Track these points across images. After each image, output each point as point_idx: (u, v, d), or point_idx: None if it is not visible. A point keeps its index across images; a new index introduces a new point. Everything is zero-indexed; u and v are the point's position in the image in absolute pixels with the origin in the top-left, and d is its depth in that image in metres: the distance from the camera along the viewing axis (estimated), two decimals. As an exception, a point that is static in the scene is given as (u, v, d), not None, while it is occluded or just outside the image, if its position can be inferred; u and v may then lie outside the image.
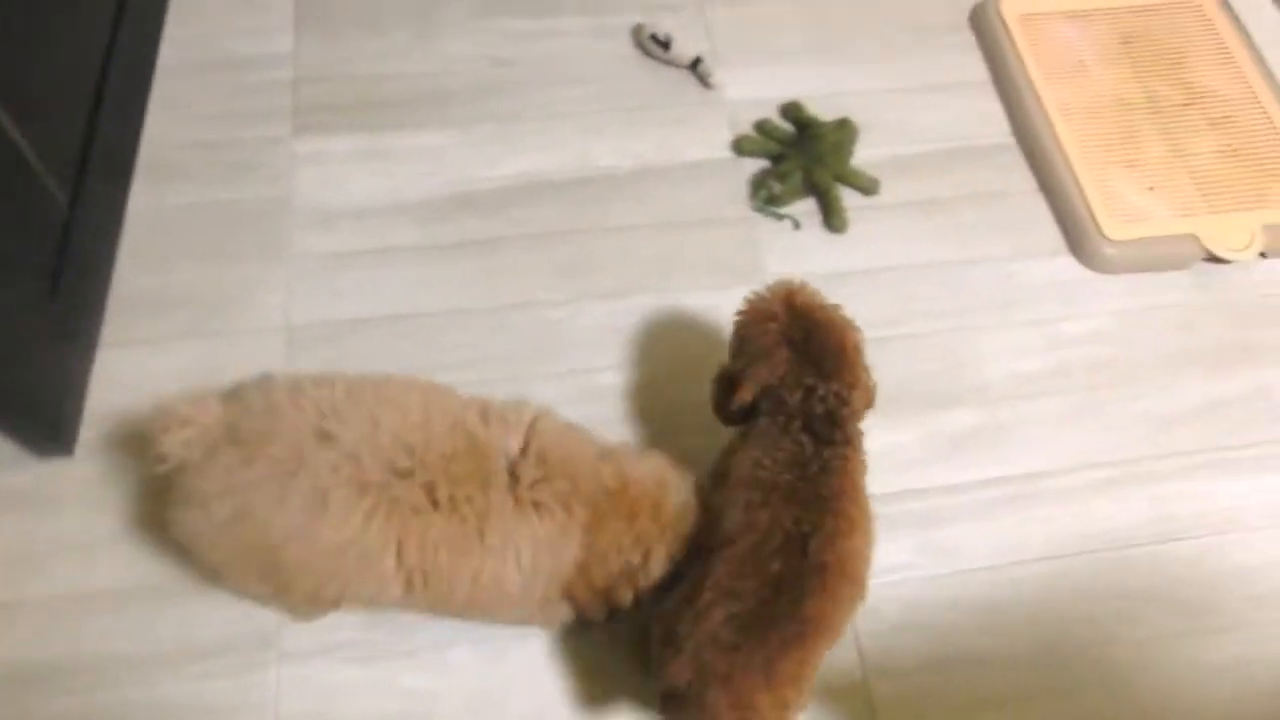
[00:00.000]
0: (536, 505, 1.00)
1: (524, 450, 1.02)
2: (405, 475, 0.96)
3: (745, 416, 1.10)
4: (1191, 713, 1.16)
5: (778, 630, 0.97)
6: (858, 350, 1.09)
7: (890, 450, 1.29)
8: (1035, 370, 1.37)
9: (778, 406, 1.06)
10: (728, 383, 1.11)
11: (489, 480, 0.99)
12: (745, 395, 1.08)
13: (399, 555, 0.97)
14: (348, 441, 0.96)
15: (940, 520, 1.26)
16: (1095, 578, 1.24)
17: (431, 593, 1.00)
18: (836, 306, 1.10)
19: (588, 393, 1.30)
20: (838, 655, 1.16)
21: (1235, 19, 1.71)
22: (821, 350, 1.06)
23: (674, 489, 1.07)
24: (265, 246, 1.39)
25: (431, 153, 1.48)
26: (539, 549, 1.02)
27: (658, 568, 1.06)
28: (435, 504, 0.97)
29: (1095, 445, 1.32)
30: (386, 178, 1.46)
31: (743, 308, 1.12)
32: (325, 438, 0.96)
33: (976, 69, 1.64)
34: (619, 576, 1.05)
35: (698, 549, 1.06)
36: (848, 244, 1.45)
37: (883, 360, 1.33)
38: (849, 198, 1.47)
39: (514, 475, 1.01)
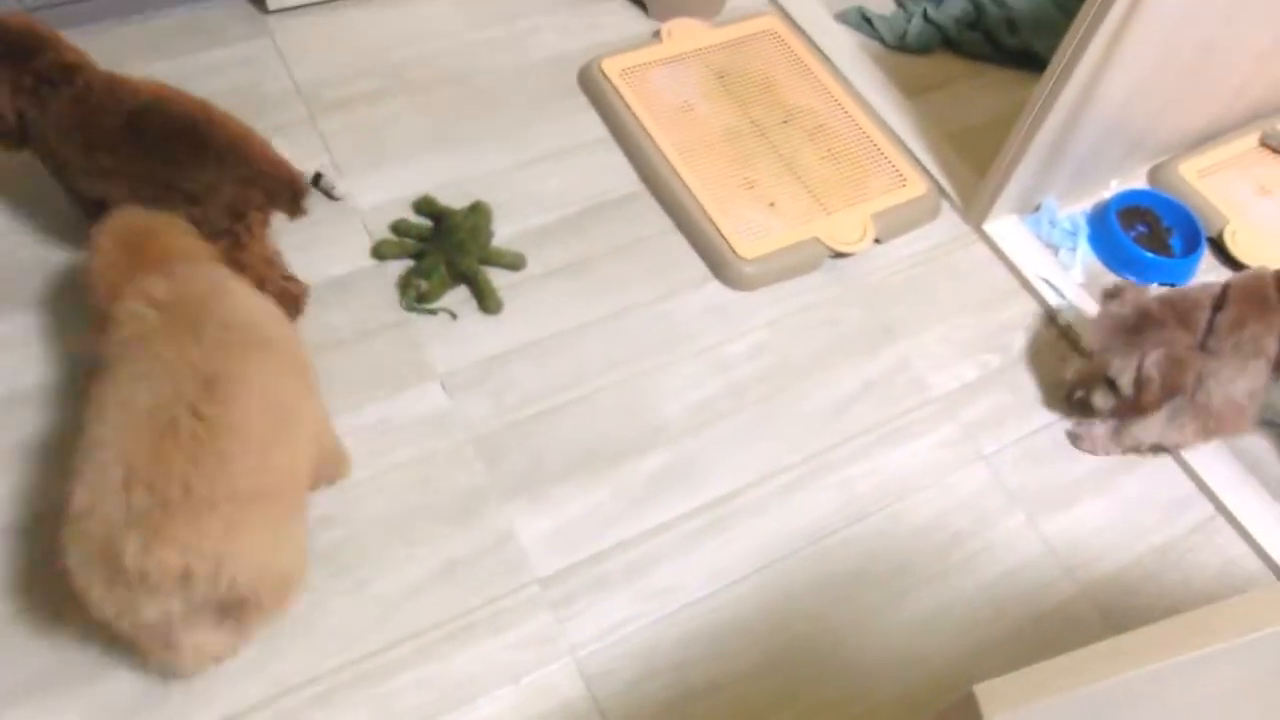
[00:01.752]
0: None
1: None
2: None
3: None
4: (915, 663, 1.25)
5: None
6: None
7: (589, 512, 1.30)
8: (709, 397, 1.43)
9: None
10: None
11: None
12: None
13: None
14: None
15: (652, 564, 1.28)
16: (803, 575, 1.30)
17: None
18: None
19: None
20: (583, 730, 1.17)
21: (809, 40, 1.89)
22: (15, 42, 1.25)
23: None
24: None
25: (35, 337, 1.35)
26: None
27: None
28: None
29: (777, 451, 1.40)
30: (2, 368, 1.32)
31: None
32: None
33: (595, 128, 1.71)
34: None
35: None
36: (507, 322, 1.46)
37: (565, 426, 1.38)
38: (499, 277, 1.49)
39: None
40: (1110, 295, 1.42)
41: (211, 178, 1.23)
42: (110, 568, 0.93)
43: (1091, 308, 1.61)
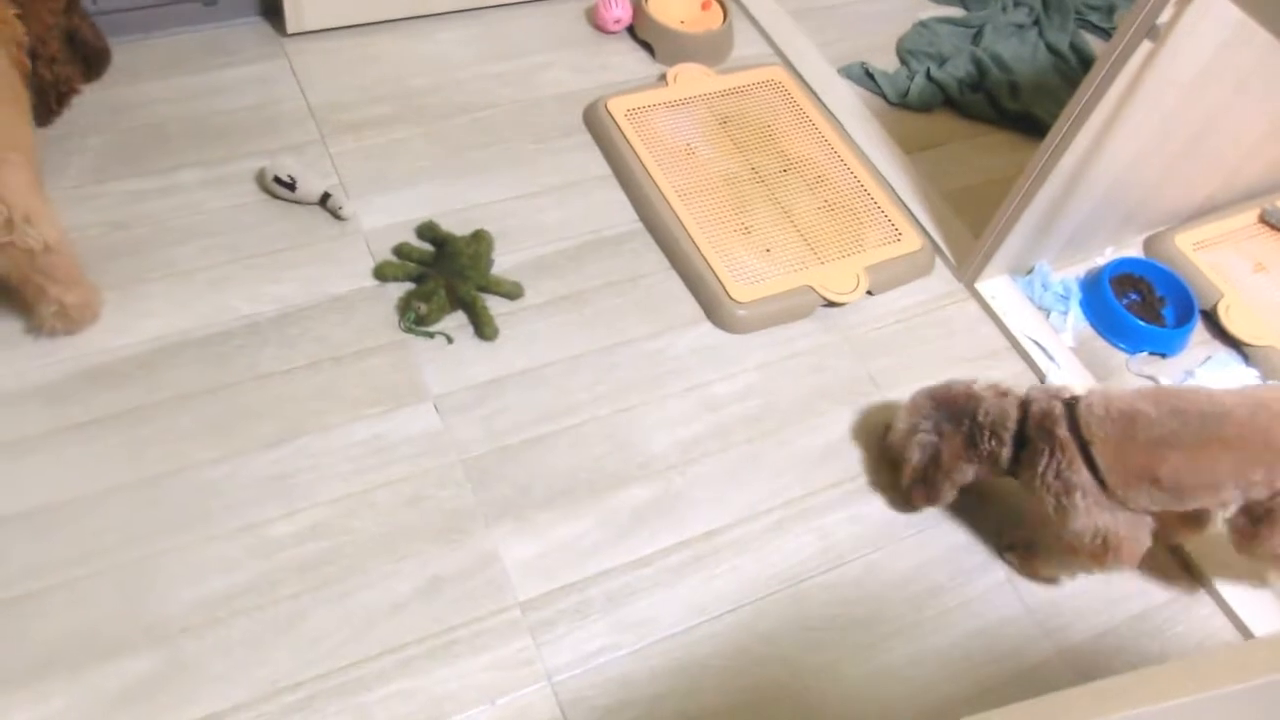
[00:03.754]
0: None
1: None
2: None
3: None
4: (885, 712, 1.32)
5: None
6: None
7: (572, 540, 1.40)
8: (696, 435, 1.53)
9: None
10: None
11: None
12: None
13: None
14: None
15: (632, 595, 1.37)
16: (780, 617, 1.39)
17: None
18: None
19: (258, 548, 1.31)
20: (555, 753, 1.25)
21: (812, 92, 2.03)
22: None
23: None
24: None
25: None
26: None
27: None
28: None
29: (760, 493, 1.49)
30: (4, 365, 1.42)
31: None
32: None
33: (597, 165, 1.84)
34: None
35: None
36: (502, 349, 1.56)
37: (554, 454, 1.47)
38: (496, 305, 1.59)
39: None
40: (1003, 394, 1.42)
41: None
42: None
43: (1081, 372, 1.72)
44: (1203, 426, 1.28)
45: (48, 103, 1.66)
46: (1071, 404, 1.34)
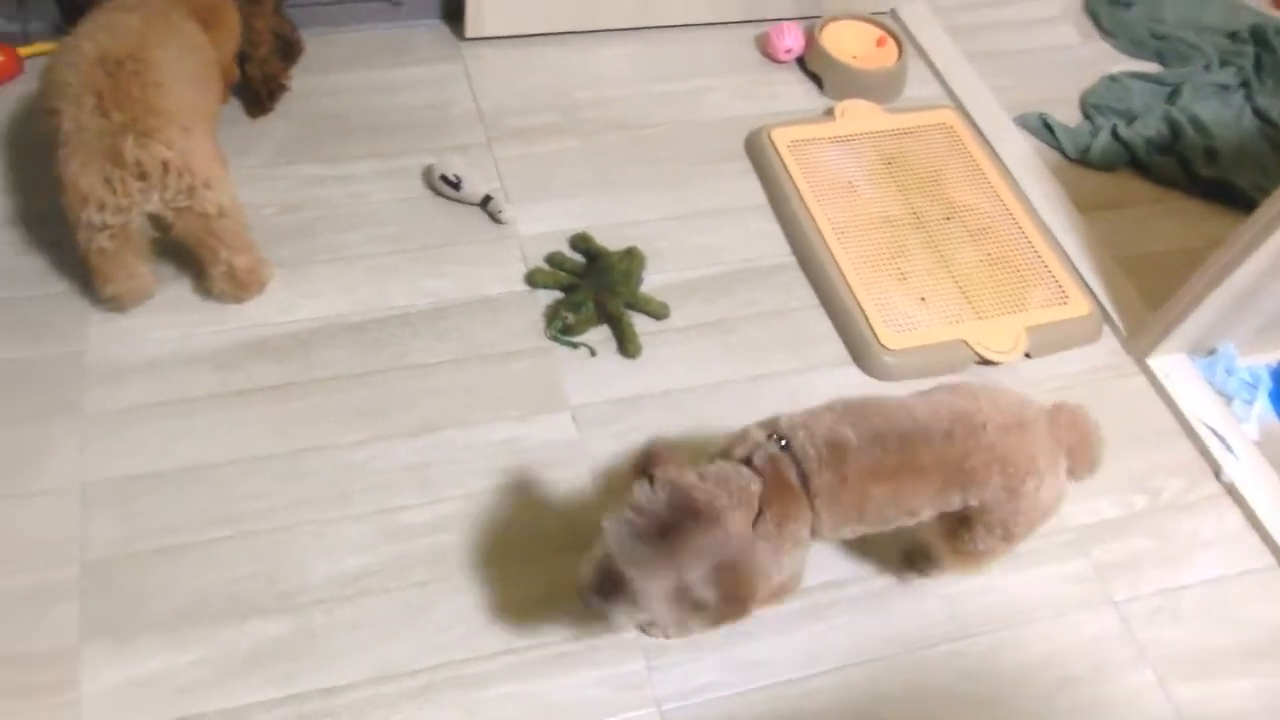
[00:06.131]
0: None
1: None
2: None
3: None
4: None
5: None
6: None
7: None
8: (830, 478, 1.58)
9: None
10: None
11: None
12: None
13: None
14: None
15: (748, 635, 1.39)
16: (895, 681, 1.39)
17: None
18: None
19: (392, 532, 1.41)
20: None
21: (984, 139, 2.05)
22: None
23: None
24: (55, 405, 1.49)
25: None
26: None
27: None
28: None
29: (888, 552, 1.48)
30: (179, 328, 1.58)
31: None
32: None
33: (754, 194, 1.91)
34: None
35: None
36: (643, 368, 1.63)
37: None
38: (641, 323, 1.67)
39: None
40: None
41: None
42: (111, 165, 1.37)
43: (1264, 468, 1.63)
44: (902, 452, 1.23)
45: (260, 100, 1.84)
46: (786, 445, 1.22)
